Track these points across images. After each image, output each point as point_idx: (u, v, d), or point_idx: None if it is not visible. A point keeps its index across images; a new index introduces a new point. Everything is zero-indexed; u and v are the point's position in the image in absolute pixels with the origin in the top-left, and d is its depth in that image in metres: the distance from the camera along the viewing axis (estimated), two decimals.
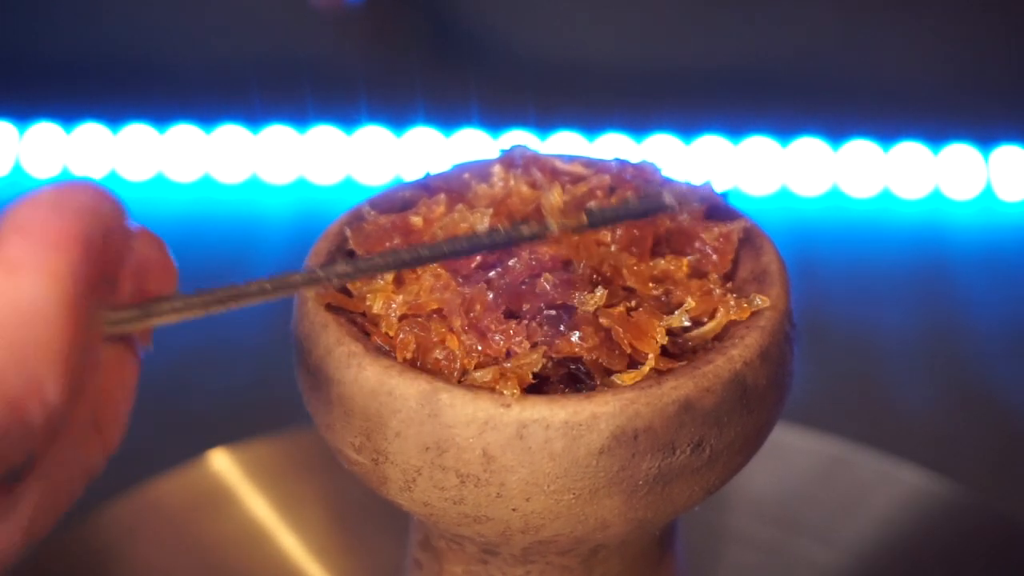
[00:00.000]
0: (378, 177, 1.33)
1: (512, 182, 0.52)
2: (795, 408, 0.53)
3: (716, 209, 0.53)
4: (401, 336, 0.47)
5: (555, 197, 0.48)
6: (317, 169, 1.34)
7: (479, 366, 0.46)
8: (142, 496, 0.75)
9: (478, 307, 0.47)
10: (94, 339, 0.39)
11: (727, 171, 1.33)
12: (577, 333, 0.46)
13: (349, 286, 0.50)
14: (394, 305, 0.48)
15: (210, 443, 0.78)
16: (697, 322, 0.48)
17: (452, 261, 0.48)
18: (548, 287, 0.47)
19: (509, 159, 0.54)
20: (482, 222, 0.49)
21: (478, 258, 0.49)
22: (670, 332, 0.47)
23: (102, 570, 0.73)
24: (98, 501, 0.75)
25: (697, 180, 0.52)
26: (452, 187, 0.54)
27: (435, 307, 0.47)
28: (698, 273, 0.50)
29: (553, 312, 0.47)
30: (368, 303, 0.48)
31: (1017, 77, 1.35)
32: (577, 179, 0.53)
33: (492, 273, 0.48)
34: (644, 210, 0.49)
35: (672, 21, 1.35)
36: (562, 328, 0.46)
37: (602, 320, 0.46)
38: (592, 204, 0.49)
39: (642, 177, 0.53)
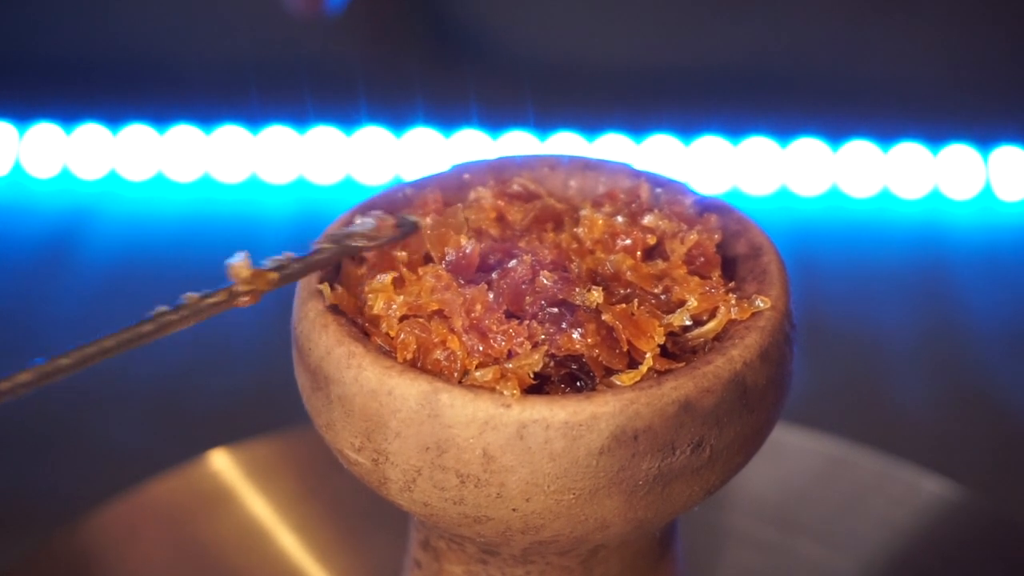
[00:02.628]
0: (377, 177, 1.33)
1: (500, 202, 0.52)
2: (795, 408, 0.53)
3: (708, 206, 0.53)
4: (402, 336, 0.47)
5: (240, 262, 0.46)
6: (317, 169, 1.34)
7: (480, 366, 0.46)
8: (142, 496, 0.75)
9: (479, 307, 0.47)
10: None
11: (726, 171, 1.33)
12: (579, 330, 0.46)
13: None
14: (395, 306, 0.48)
15: (210, 443, 0.78)
16: (698, 321, 0.48)
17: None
18: (548, 284, 0.47)
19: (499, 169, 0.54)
20: (468, 242, 0.49)
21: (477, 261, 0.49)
22: (671, 332, 0.48)
23: (102, 570, 0.73)
24: (98, 501, 0.75)
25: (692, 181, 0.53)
26: (448, 188, 0.54)
27: (436, 308, 0.47)
28: (698, 272, 0.50)
29: (555, 310, 0.47)
30: (369, 303, 0.48)
31: (1017, 77, 1.35)
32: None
33: (493, 275, 0.48)
34: (333, 255, 0.48)
35: (672, 21, 1.35)
36: (564, 325, 0.46)
37: (604, 317, 0.46)
38: (283, 258, 0.47)
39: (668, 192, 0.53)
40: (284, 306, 0.52)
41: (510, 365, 0.45)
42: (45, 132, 1.35)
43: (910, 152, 1.33)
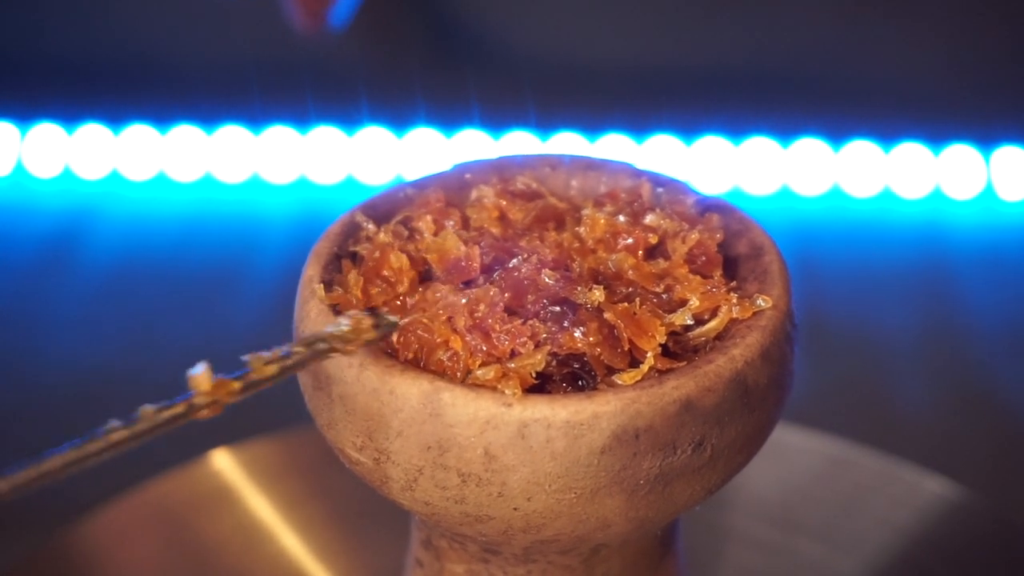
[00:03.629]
0: (379, 177, 1.33)
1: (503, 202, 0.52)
2: (795, 408, 0.53)
3: (711, 207, 0.53)
4: (403, 338, 0.47)
5: (201, 374, 0.42)
6: (318, 169, 1.34)
7: (482, 366, 0.46)
8: (142, 496, 0.75)
9: (482, 307, 0.47)
10: None
11: (728, 171, 1.33)
12: (580, 329, 0.46)
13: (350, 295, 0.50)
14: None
15: (210, 443, 0.78)
16: (699, 320, 0.48)
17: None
18: (550, 282, 0.47)
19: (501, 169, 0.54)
20: (458, 249, 0.49)
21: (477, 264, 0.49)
22: (672, 331, 0.48)
23: (102, 570, 0.73)
24: (98, 501, 0.75)
25: (695, 181, 0.53)
26: (450, 187, 0.54)
27: (444, 318, 0.47)
28: (699, 271, 0.50)
29: (557, 308, 0.47)
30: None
31: (1017, 77, 1.35)
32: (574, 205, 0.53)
33: (495, 275, 0.48)
34: (305, 360, 0.44)
35: (672, 21, 1.35)
36: (565, 324, 0.46)
37: (607, 315, 0.46)
38: (250, 360, 0.44)
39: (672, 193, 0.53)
40: (285, 306, 0.52)
41: (512, 365, 0.45)
42: (47, 132, 1.35)
43: (911, 152, 1.33)
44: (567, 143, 1.32)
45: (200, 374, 0.42)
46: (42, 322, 1.18)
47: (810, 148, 1.33)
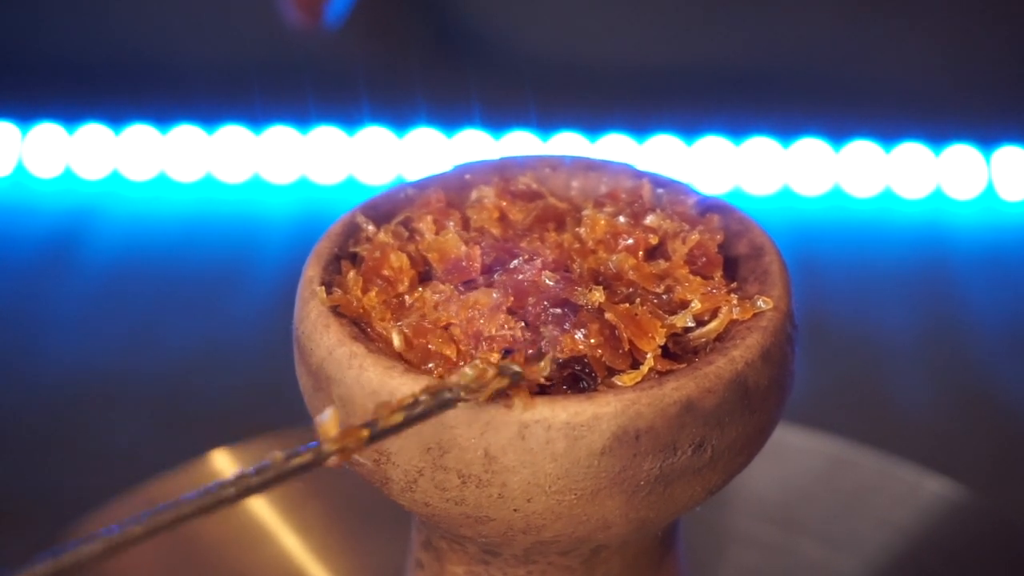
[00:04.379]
0: (380, 177, 1.33)
1: (504, 203, 0.52)
2: (796, 408, 0.53)
3: (709, 207, 0.53)
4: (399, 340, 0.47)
5: (328, 420, 0.42)
6: (319, 169, 1.34)
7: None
8: (142, 496, 0.75)
9: (481, 308, 0.47)
10: None
11: (728, 171, 1.33)
12: (581, 331, 0.46)
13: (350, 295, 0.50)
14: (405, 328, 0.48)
15: (210, 443, 0.78)
16: (699, 321, 0.48)
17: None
18: (550, 283, 0.47)
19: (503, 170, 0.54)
20: (458, 248, 0.49)
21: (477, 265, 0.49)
22: (673, 332, 0.48)
23: (101, 570, 0.73)
24: (98, 501, 0.75)
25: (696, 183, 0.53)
26: (451, 188, 0.54)
27: (444, 324, 0.47)
28: (700, 272, 0.50)
29: (558, 310, 0.47)
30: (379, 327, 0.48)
31: (1017, 77, 1.35)
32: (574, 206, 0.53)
33: (495, 276, 0.48)
34: (431, 409, 0.43)
35: (672, 21, 1.35)
36: (566, 326, 0.46)
37: (607, 316, 0.46)
38: (377, 409, 0.43)
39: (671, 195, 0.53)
40: (285, 306, 0.52)
41: (515, 367, 0.45)
42: (47, 132, 1.35)
43: (912, 152, 1.33)
44: (568, 143, 1.32)
45: (327, 421, 0.42)
46: (42, 322, 1.18)
47: (810, 148, 1.33)
